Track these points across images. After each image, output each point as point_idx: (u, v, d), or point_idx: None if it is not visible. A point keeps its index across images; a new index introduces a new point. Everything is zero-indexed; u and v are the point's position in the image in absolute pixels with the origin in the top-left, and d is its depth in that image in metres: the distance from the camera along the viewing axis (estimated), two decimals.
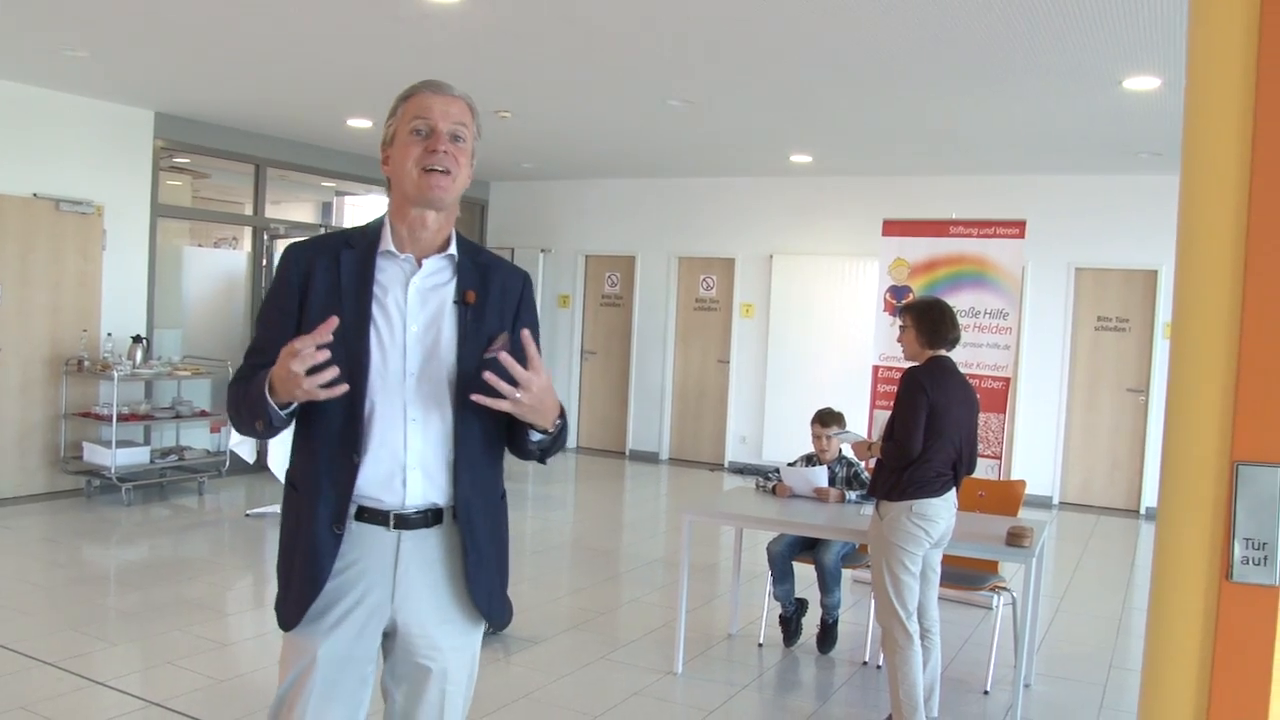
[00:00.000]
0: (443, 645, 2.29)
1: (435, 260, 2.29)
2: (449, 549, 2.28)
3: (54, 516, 7.95)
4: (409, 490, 2.23)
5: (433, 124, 2.23)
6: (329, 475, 2.22)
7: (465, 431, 2.25)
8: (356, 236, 2.33)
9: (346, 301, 2.22)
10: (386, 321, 2.23)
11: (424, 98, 2.26)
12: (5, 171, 8.10)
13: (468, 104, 2.32)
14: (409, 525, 2.24)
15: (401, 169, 2.24)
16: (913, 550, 4.20)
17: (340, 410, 2.18)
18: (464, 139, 2.28)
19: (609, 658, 5.31)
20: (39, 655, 4.93)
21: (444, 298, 2.28)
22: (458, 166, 2.26)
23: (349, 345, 2.17)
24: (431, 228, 2.28)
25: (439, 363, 2.24)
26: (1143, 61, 5.88)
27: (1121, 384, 10.10)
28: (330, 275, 2.25)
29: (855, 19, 5.42)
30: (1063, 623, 6.31)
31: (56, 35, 6.60)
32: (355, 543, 2.23)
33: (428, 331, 2.25)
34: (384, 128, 2.33)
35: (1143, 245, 9.72)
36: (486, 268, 2.36)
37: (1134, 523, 9.63)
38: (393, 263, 2.28)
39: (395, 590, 2.24)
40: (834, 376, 10.68)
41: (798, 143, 9.32)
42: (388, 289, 2.26)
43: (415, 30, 6.03)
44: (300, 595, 2.23)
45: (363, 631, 2.25)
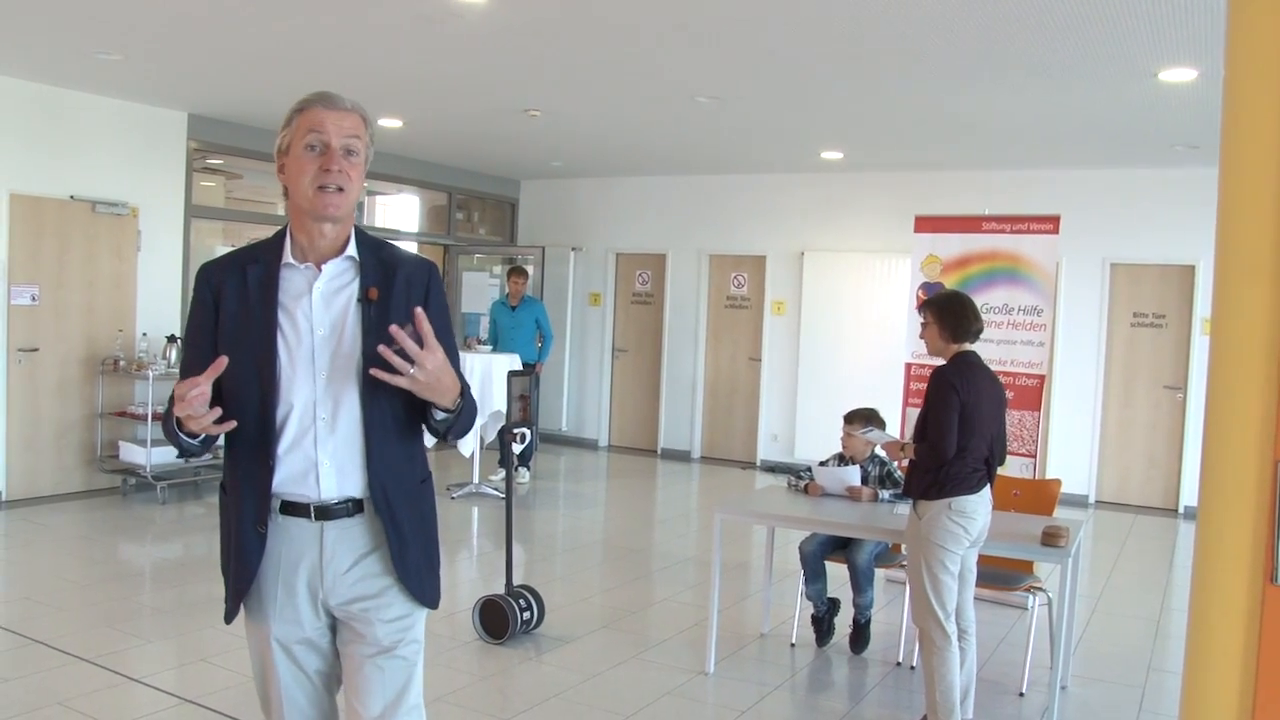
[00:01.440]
0: (379, 631, 2.38)
1: (335, 264, 2.36)
2: (374, 535, 2.38)
3: (90, 514, 8.03)
4: (323, 486, 2.33)
5: (326, 140, 2.29)
6: (248, 479, 2.35)
7: (375, 423, 2.33)
8: (261, 251, 2.41)
9: (254, 315, 2.32)
10: (294, 329, 2.32)
11: (316, 113, 2.31)
12: (42, 174, 8.19)
13: (361, 116, 2.37)
14: (331, 516, 2.35)
15: (297, 185, 2.31)
16: (953, 549, 4.16)
17: (254, 418, 2.29)
18: (356, 152, 2.33)
19: (640, 657, 5.30)
20: (75, 651, 4.98)
21: (348, 297, 2.36)
22: (350, 182, 2.31)
23: (258, 356, 2.29)
24: (329, 236, 2.36)
25: (346, 360, 2.32)
26: (1178, 53, 5.79)
27: (1158, 381, 9.98)
28: (238, 291, 2.35)
29: (883, 12, 5.37)
30: (1099, 623, 6.23)
31: (90, 38, 6.66)
32: (282, 535, 2.36)
33: (333, 333, 2.33)
34: (278, 135, 2.38)
35: (1179, 240, 9.60)
36: (388, 264, 2.41)
37: (1172, 522, 9.51)
38: (295, 273, 2.36)
39: (324, 576, 2.36)
40: (866, 374, 10.61)
41: (828, 139, 9.26)
42: (294, 296, 2.34)
43: (443, 29, 6.04)
44: (235, 590, 2.40)
45: (309, 612, 2.38)
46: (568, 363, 12.63)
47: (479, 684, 4.85)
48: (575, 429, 12.72)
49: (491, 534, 8.00)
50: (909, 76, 6.69)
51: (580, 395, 12.77)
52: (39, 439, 8.32)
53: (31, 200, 8.12)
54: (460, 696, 4.65)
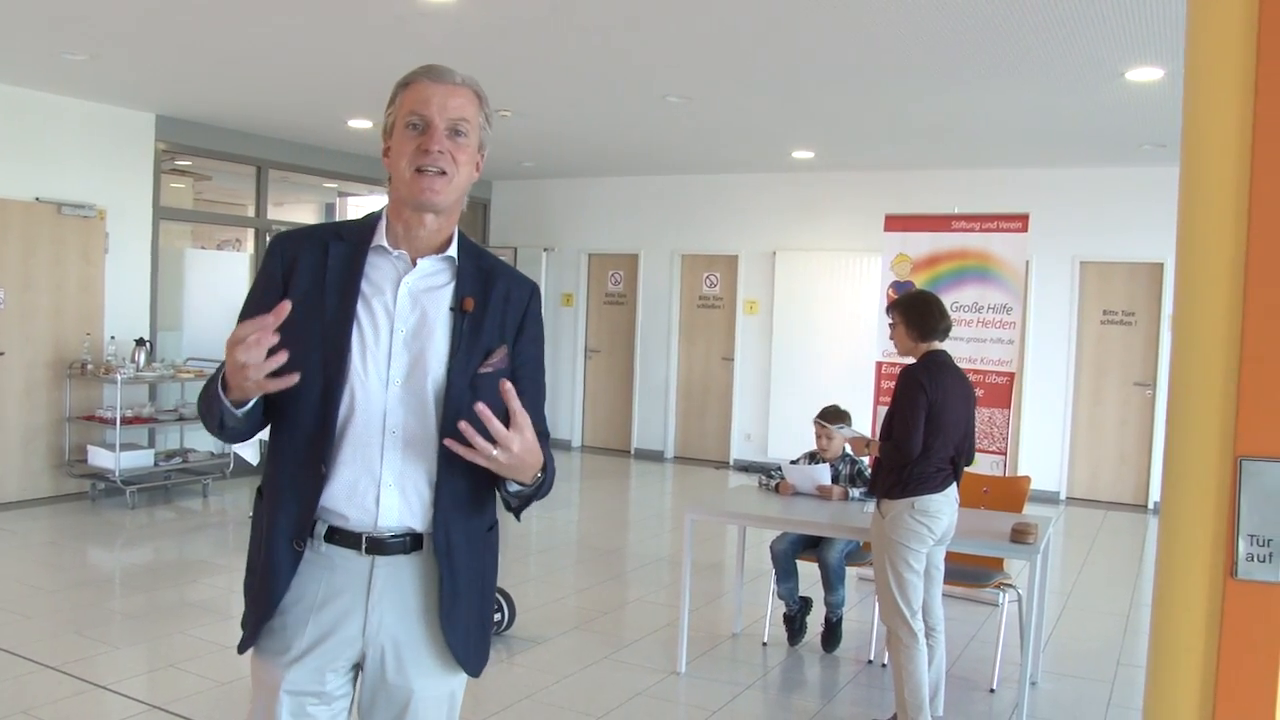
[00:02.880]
0: (416, 685, 2.08)
1: (432, 261, 2.10)
2: (426, 580, 2.07)
3: (58, 520, 7.94)
4: (382, 509, 2.02)
5: (429, 118, 2.02)
6: (293, 486, 2.04)
7: (452, 454, 1.98)
8: (350, 229, 2.14)
9: (330, 297, 2.04)
10: (372, 322, 2.04)
11: (422, 87, 2.05)
12: (7, 175, 8.10)
13: (475, 92, 2.10)
14: (384, 550, 2.03)
15: (396, 166, 2.05)
16: (916, 548, 4.18)
17: (312, 415, 2.00)
18: (466, 133, 2.06)
19: (612, 658, 5.29)
20: (42, 659, 4.92)
21: (439, 302, 2.08)
22: (455, 166, 2.04)
23: (328, 344, 2.00)
24: (430, 227, 2.08)
25: (426, 373, 2.03)
26: (1145, 53, 5.84)
27: (1128, 378, 10.06)
28: (316, 268, 2.06)
29: (853, 12, 5.39)
30: (1070, 619, 6.27)
31: (56, 39, 6.58)
32: (325, 567, 2.04)
33: (416, 337, 2.05)
34: (384, 115, 2.13)
35: (1148, 238, 9.67)
36: (490, 274, 2.15)
37: (1142, 517, 9.59)
38: (385, 259, 2.09)
39: (367, 622, 2.04)
40: (838, 373, 10.64)
41: (799, 138, 9.28)
42: (377, 287, 2.07)
43: (413, 30, 6.01)
44: (255, 614, 2.08)
45: (331, 665, 2.06)
46: None
47: None
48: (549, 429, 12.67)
49: None
50: (879, 77, 6.71)
51: (553, 396, 12.74)
52: (5, 444, 8.22)
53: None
54: None
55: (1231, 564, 1.50)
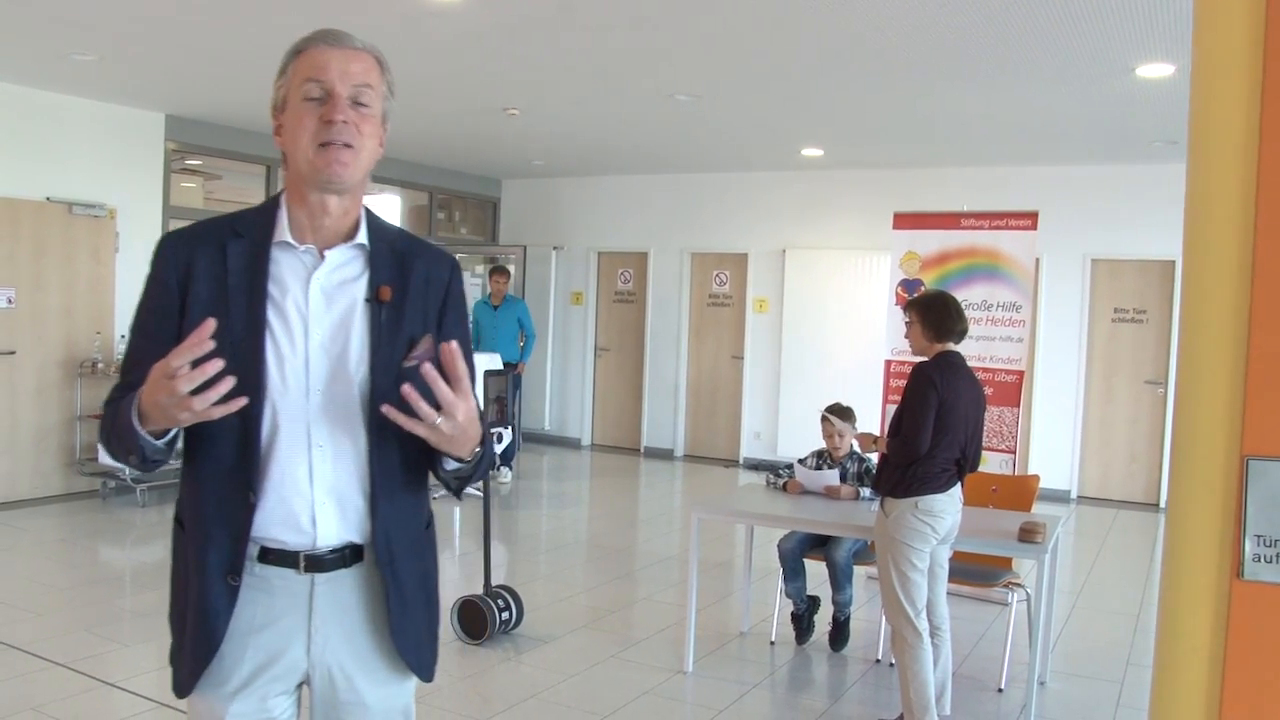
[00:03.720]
0: (370, 700, 1.97)
1: (341, 250, 1.92)
2: (368, 591, 1.95)
3: (69, 518, 7.97)
4: (320, 530, 1.88)
5: (330, 86, 1.84)
6: (220, 517, 1.87)
7: (383, 456, 1.89)
8: (246, 223, 1.93)
9: (236, 305, 1.85)
10: (285, 328, 1.86)
11: (319, 53, 1.88)
12: (18, 176, 8.12)
13: (376, 58, 1.93)
14: (323, 567, 1.90)
15: (295, 143, 1.85)
16: (919, 547, 4.16)
17: (231, 438, 1.83)
18: (369, 103, 1.88)
19: (619, 656, 5.28)
20: (52, 656, 4.94)
21: (354, 296, 1.91)
22: (360, 138, 1.86)
23: (240, 359, 1.78)
24: (335, 212, 1.90)
25: (348, 375, 1.88)
26: (1156, 49, 5.81)
27: (1139, 376, 10.02)
28: (215, 271, 1.86)
29: (862, 9, 5.37)
30: (1079, 619, 6.25)
31: (66, 39, 6.60)
32: (261, 589, 1.89)
33: (334, 339, 1.88)
34: (274, 88, 1.92)
35: (1159, 235, 9.62)
36: (405, 255, 1.98)
37: (1153, 516, 9.54)
38: (290, 255, 1.90)
39: (311, 642, 1.92)
40: (848, 371, 10.62)
41: (808, 136, 9.26)
42: (286, 288, 1.88)
43: (419, 29, 6.01)
44: (194, 658, 1.90)
45: (276, 691, 1.94)
46: (550, 362, 12.61)
47: (457, 685, 4.83)
48: (558, 428, 12.70)
49: (473, 534, 7.97)
50: (888, 74, 6.69)
51: (563, 394, 12.75)
52: (17, 442, 8.25)
53: (7, 202, 8.06)
54: (438, 698, 4.63)
55: (1238, 564, 1.49)
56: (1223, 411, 1.51)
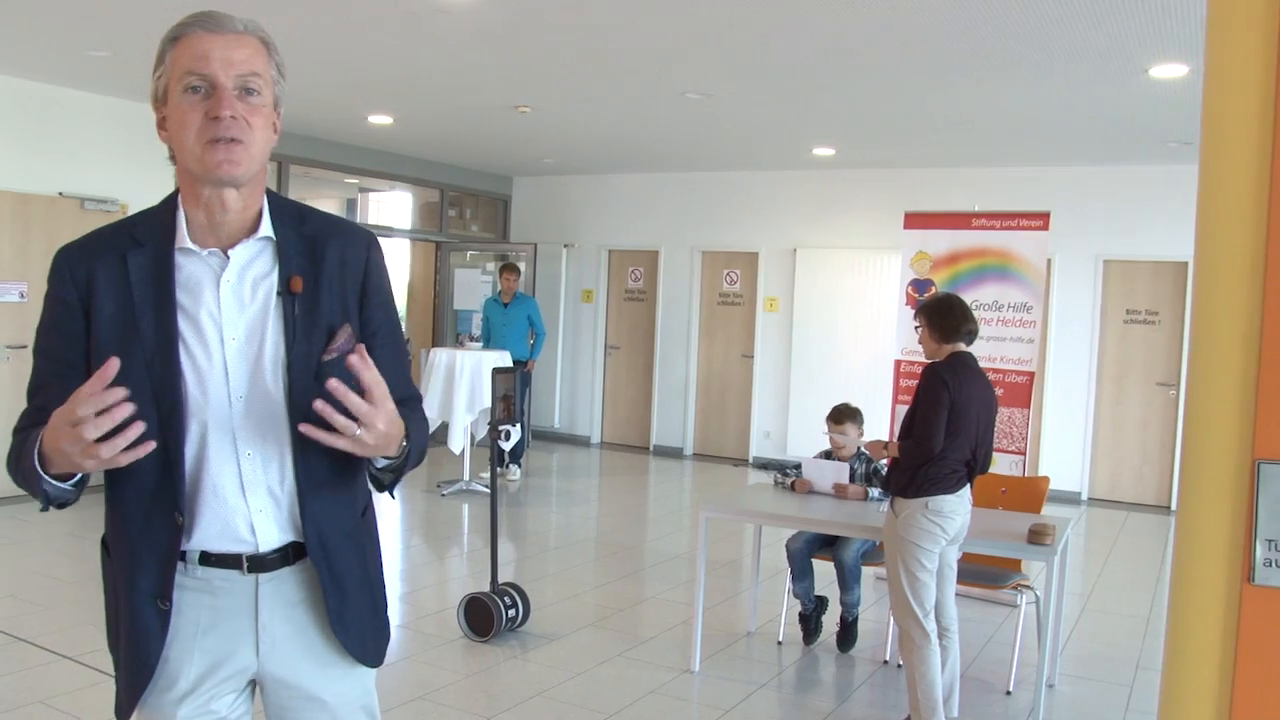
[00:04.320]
0: (328, 695, 1.93)
1: (246, 247, 1.81)
2: (314, 588, 1.88)
3: (79, 512, 7.90)
4: (260, 536, 1.82)
5: (212, 77, 1.71)
6: (147, 541, 1.80)
7: (306, 454, 1.81)
8: (144, 228, 1.83)
9: (144, 318, 1.76)
10: (198, 337, 1.77)
11: (197, 40, 1.73)
12: (30, 170, 8.15)
13: (261, 40, 1.79)
14: (266, 567, 1.84)
15: (181, 140, 1.74)
16: (929, 548, 4.15)
17: (153, 459, 1.68)
18: (258, 90, 1.76)
19: (626, 655, 5.28)
20: (59, 649, 4.96)
21: (267, 291, 1.81)
22: (250, 130, 1.74)
23: (155, 375, 1.73)
24: (234, 208, 1.79)
25: (268, 376, 1.79)
26: (1170, 49, 5.78)
27: (1151, 378, 9.97)
28: (118, 285, 1.77)
29: (874, 8, 5.35)
30: (1089, 622, 6.22)
31: (79, 35, 6.62)
32: (204, 590, 1.83)
33: (250, 340, 1.79)
34: (151, 79, 1.80)
35: (1172, 236, 9.58)
36: (316, 240, 1.86)
37: (1164, 519, 9.49)
38: (194, 261, 1.80)
39: (259, 642, 1.86)
40: (858, 371, 10.61)
41: (819, 135, 9.24)
42: (194, 294, 1.79)
43: (430, 26, 6.01)
44: (130, 682, 1.83)
45: (225, 692, 1.88)
46: (560, 359, 12.61)
47: (463, 682, 4.83)
48: (568, 426, 12.70)
49: (481, 531, 7.97)
50: (900, 73, 6.67)
51: (573, 392, 12.75)
52: None
53: (19, 197, 8.09)
54: (444, 695, 4.63)
55: (1249, 569, 1.47)
56: (1234, 414, 1.50)
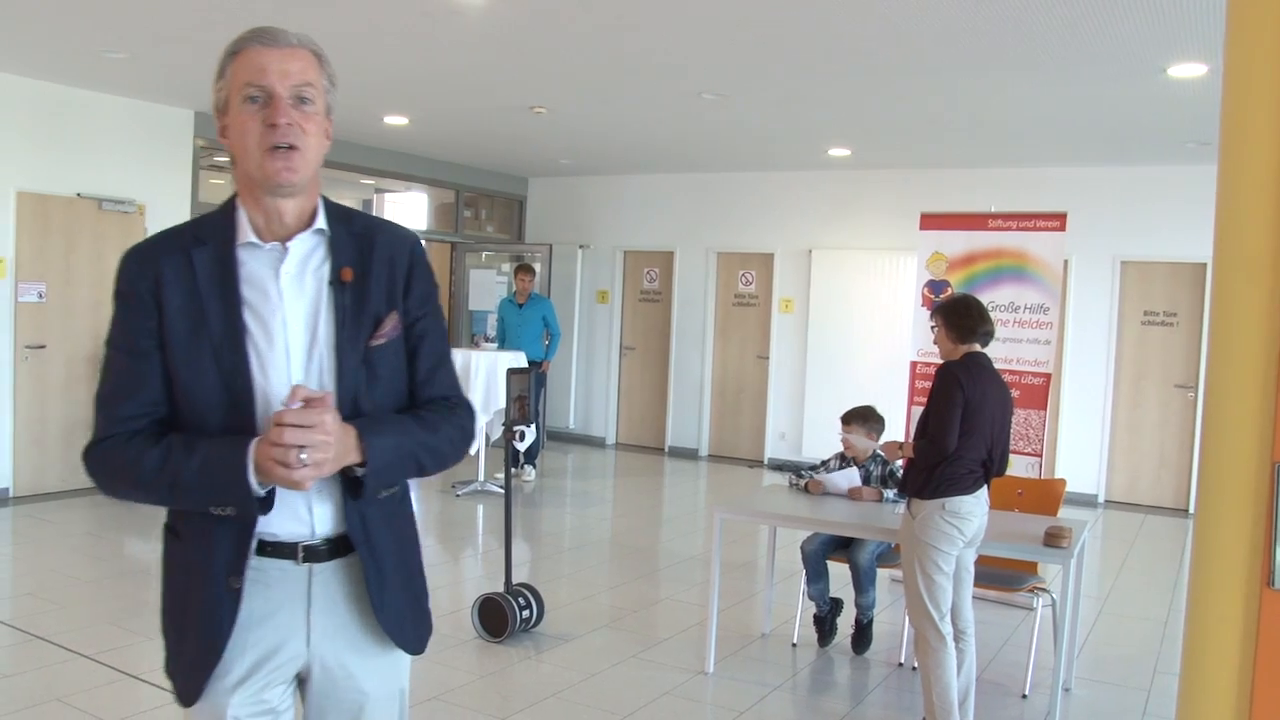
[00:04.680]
0: (368, 688, 2.00)
1: (303, 239, 1.93)
2: (357, 581, 1.96)
3: (96, 511, 8.03)
4: (316, 518, 1.91)
5: (269, 88, 1.84)
6: (220, 520, 1.86)
7: None
8: (208, 228, 1.95)
9: (212, 310, 1.87)
10: (261, 326, 1.88)
11: (255, 54, 1.87)
12: (49, 172, 8.20)
13: (313, 53, 1.93)
14: (319, 557, 1.92)
15: (242, 148, 1.86)
16: (946, 550, 4.13)
17: None
18: (311, 99, 1.89)
19: (640, 656, 5.27)
20: (77, 648, 4.98)
21: (320, 281, 1.93)
22: (306, 138, 1.86)
23: (224, 363, 1.85)
24: (291, 212, 1.92)
25: (321, 361, 1.90)
26: (1188, 48, 5.75)
27: (1169, 380, 9.92)
28: (185, 280, 1.88)
29: (890, 8, 5.33)
30: (1106, 625, 6.18)
31: (96, 37, 6.66)
32: (260, 582, 1.90)
33: (307, 327, 1.91)
34: (213, 90, 1.92)
35: (1191, 237, 9.52)
36: (365, 237, 1.99)
37: (1182, 522, 9.44)
38: (256, 254, 1.91)
39: (310, 633, 1.94)
40: (873, 372, 10.58)
41: (835, 136, 9.22)
42: (257, 286, 1.90)
43: (445, 26, 6.02)
44: (197, 665, 1.91)
45: (276, 682, 1.95)
46: (575, 360, 12.62)
47: (477, 683, 4.83)
48: (583, 426, 12.71)
49: (496, 532, 7.97)
50: (917, 73, 6.65)
51: (588, 393, 12.75)
52: (46, 436, 8.33)
53: (38, 198, 8.14)
54: (458, 695, 4.63)
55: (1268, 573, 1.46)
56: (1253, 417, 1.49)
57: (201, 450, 1.81)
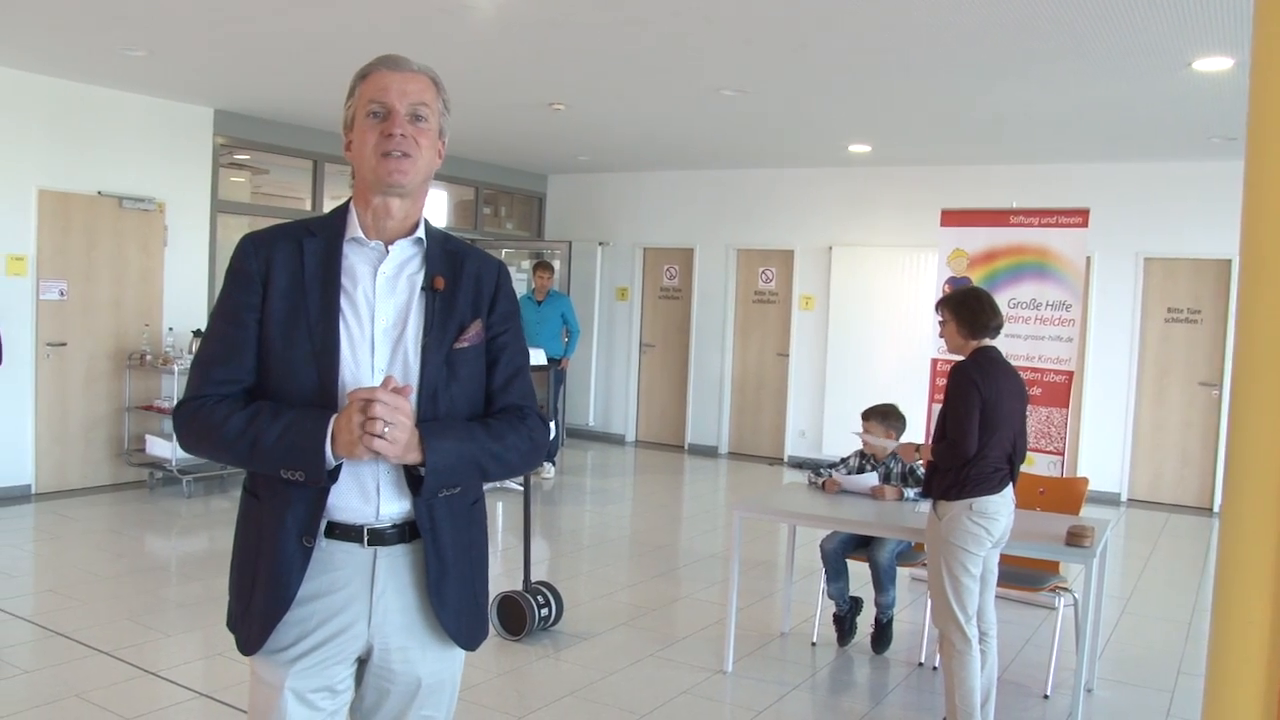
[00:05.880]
0: (423, 672, 2.12)
1: (403, 245, 2.13)
2: (421, 569, 2.09)
3: (117, 508, 8.07)
4: (383, 498, 2.05)
5: (389, 105, 2.06)
6: (299, 485, 2.01)
7: None
8: (319, 224, 2.16)
9: (312, 293, 2.07)
10: (355, 314, 2.07)
11: (380, 76, 2.08)
12: (70, 170, 8.24)
13: (431, 79, 2.13)
14: (384, 541, 2.06)
15: (361, 155, 2.08)
16: (974, 551, 4.08)
17: None
18: (426, 118, 2.09)
19: (659, 655, 5.25)
20: (96, 644, 5.00)
21: (413, 285, 2.12)
22: (418, 149, 2.07)
23: (317, 341, 2.04)
24: (397, 214, 2.11)
25: (406, 356, 2.07)
26: (1214, 41, 5.68)
27: (1193, 377, 9.82)
28: (293, 265, 2.08)
29: (909, 3, 5.29)
30: (1128, 625, 6.12)
31: (116, 35, 6.68)
32: (328, 565, 2.04)
33: (396, 324, 2.09)
34: (344, 109, 2.15)
35: (1215, 234, 9.43)
36: (457, 255, 2.19)
37: (1206, 521, 9.35)
38: (360, 250, 2.11)
39: (373, 614, 2.06)
40: (894, 370, 10.52)
41: (855, 132, 9.17)
42: (356, 279, 2.10)
43: (462, 23, 6.00)
44: (265, 615, 2.04)
45: (337, 659, 2.07)
46: (595, 358, 12.61)
47: (495, 680, 4.82)
48: (602, 424, 12.69)
49: (515, 529, 7.96)
50: (937, 69, 6.60)
51: (608, 390, 12.74)
52: (67, 433, 8.38)
53: (60, 196, 8.18)
54: (476, 693, 4.62)
55: None
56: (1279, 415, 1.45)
57: (286, 417, 1.98)
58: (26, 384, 8.10)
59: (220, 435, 2.02)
